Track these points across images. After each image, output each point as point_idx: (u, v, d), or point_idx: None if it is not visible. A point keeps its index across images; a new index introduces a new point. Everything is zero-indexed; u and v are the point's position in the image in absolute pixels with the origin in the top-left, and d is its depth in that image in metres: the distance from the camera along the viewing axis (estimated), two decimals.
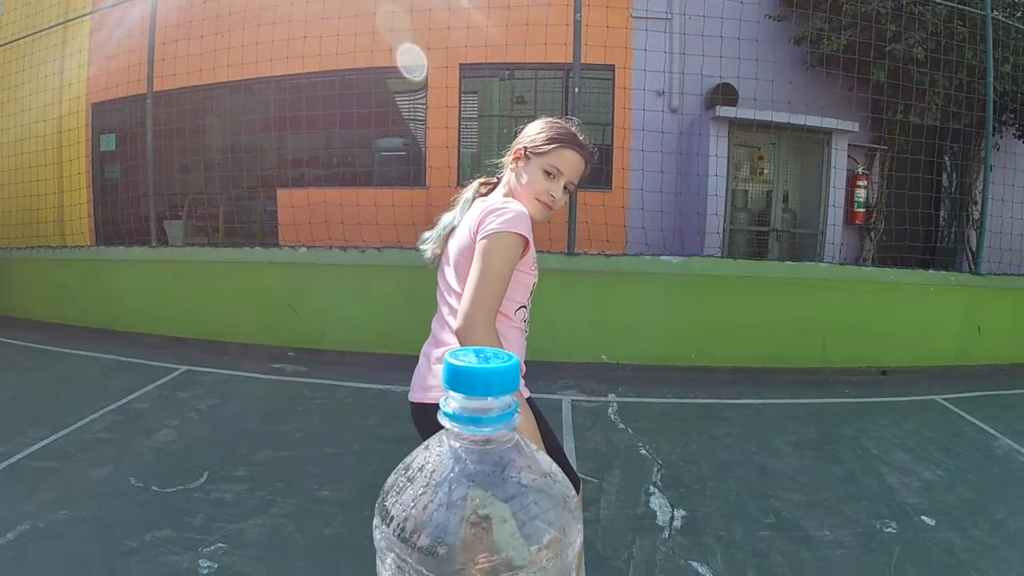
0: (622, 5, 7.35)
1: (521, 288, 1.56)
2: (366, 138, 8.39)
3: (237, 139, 8.51)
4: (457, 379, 0.47)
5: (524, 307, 1.59)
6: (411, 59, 7.40)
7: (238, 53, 6.57)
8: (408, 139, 8.59)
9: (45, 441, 3.21)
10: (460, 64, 7.61)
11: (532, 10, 6.02)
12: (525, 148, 1.57)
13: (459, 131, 8.02)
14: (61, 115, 8.24)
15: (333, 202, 6.10)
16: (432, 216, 1.71)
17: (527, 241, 1.47)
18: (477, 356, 0.50)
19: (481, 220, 1.46)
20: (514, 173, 1.58)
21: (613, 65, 7.19)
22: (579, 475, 1.66)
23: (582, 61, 5.04)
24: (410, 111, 8.55)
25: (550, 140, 1.55)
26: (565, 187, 1.56)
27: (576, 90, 5.07)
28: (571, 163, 1.55)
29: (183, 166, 8.41)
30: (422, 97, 8.19)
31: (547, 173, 1.53)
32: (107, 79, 7.64)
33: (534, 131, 1.59)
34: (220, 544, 2.29)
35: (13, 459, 2.99)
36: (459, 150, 7.95)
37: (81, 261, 6.14)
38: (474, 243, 1.46)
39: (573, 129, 1.58)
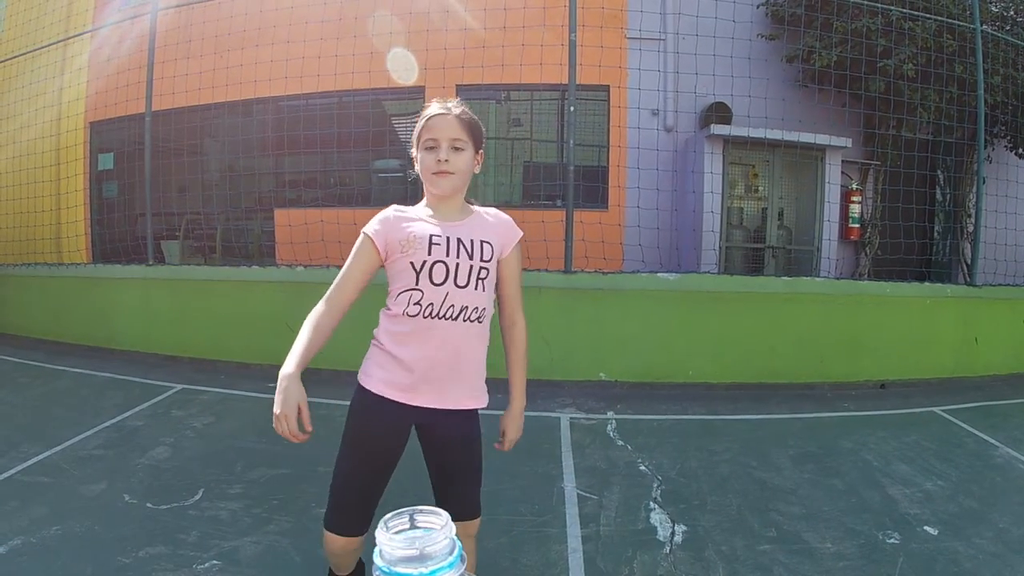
0: (617, 26, 7.45)
1: (402, 274, 1.64)
2: (363, 158, 8.43)
3: (235, 159, 8.54)
4: None
5: (411, 291, 1.63)
6: (402, 63, 7.48)
7: (237, 73, 6.63)
8: (405, 160, 8.63)
9: (39, 457, 3.18)
10: (456, 85, 7.67)
11: (528, 31, 6.09)
12: (412, 152, 1.73)
13: None
14: (59, 133, 8.27)
15: (331, 221, 6.11)
16: None
17: (371, 238, 1.66)
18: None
19: None
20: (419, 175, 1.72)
21: (608, 85, 7.26)
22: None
23: (577, 81, 5.09)
24: (407, 132, 8.61)
25: (416, 126, 1.71)
26: (455, 148, 1.65)
27: (571, 109, 5.12)
28: (440, 126, 1.66)
29: (181, 186, 8.43)
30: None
31: (427, 148, 1.65)
32: (106, 98, 7.69)
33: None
34: (215, 561, 2.25)
35: (6, 474, 2.96)
36: None
37: (77, 279, 6.13)
38: None
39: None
